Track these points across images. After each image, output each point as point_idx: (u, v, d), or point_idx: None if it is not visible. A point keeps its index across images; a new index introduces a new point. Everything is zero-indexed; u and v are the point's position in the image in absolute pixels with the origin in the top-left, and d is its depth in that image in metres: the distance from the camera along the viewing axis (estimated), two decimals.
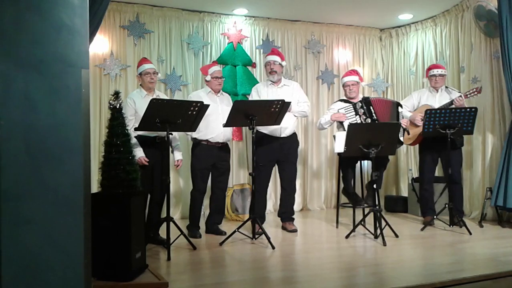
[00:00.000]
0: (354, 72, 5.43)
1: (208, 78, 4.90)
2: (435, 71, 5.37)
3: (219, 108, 4.82)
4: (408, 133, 5.21)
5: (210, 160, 4.83)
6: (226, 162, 4.99)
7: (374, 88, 7.21)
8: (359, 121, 5.02)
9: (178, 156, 4.72)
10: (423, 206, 5.46)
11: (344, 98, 5.41)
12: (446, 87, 5.45)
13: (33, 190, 2.26)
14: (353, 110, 5.10)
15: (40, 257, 2.27)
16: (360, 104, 5.08)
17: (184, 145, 5.77)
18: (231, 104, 5.02)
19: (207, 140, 4.80)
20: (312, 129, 6.84)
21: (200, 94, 4.92)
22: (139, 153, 4.26)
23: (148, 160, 4.30)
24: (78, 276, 2.35)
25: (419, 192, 5.59)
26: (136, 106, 4.41)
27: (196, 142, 4.86)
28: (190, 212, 4.89)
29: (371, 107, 5.04)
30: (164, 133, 4.39)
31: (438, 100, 5.31)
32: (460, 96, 5.09)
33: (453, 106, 5.05)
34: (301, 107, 5.02)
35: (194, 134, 4.77)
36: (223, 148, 4.93)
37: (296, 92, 5.10)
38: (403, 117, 5.20)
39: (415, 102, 5.49)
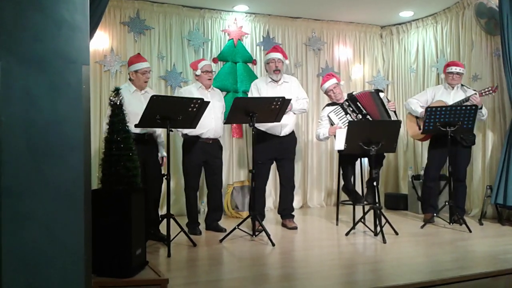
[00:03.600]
0: (330, 75, 5.38)
1: (198, 72, 4.83)
2: (453, 69, 5.28)
3: (209, 104, 4.77)
4: (420, 128, 5.18)
5: (201, 156, 4.78)
6: (218, 159, 4.94)
7: (374, 85, 7.20)
8: (351, 120, 5.00)
9: (163, 153, 4.63)
10: (424, 202, 5.46)
11: (330, 102, 5.39)
12: (462, 85, 5.35)
13: (33, 186, 2.26)
14: (342, 110, 5.09)
15: (40, 254, 2.27)
16: (347, 103, 5.07)
17: (178, 142, 5.75)
18: (223, 100, 5.04)
19: (197, 136, 4.75)
20: (312, 126, 6.83)
21: (191, 90, 4.88)
22: None
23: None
24: (78, 272, 2.35)
25: (422, 188, 5.58)
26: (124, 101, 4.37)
27: (187, 138, 4.82)
28: (187, 209, 4.88)
29: (358, 103, 5.02)
30: (151, 130, 4.39)
31: (453, 97, 5.24)
32: (475, 94, 5.04)
33: (468, 103, 5.01)
34: (301, 105, 5.01)
35: (185, 131, 4.72)
36: (214, 144, 4.87)
37: (295, 88, 5.08)
38: (388, 101, 5.17)
39: (429, 98, 5.42)
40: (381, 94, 5.14)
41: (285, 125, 4.89)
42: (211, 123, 4.72)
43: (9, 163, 2.21)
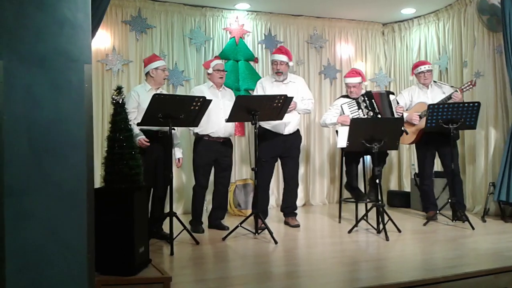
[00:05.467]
0: (356, 73, 5.32)
1: (210, 71, 4.87)
2: (423, 68, 5.36)
3: (220, 103, 4.80)
4: (407, 133, 5.20)
5: (212, 155, 4.81)
6: (228, 158, 4.98)
7: (376, 83, 7.19)
8: (362, 116, 5.02)
9: (179, 154, 4.67)
10: (425, 201, 5.46)
11: (345, 94, 5.41)
12: (434, 81, 5.44)
13: (36, 185, 2.26)
14: (356, 105, 5.10)
15: (43, 252, 2.28)
16: (363, 98, 5.08)
17: (187, 140, 5.77)
18: (234, 99, 5.04)
19: (208, 135, 4.78)
20: (314, 124, 6.83)
21: (202, 89, 4.90)
22: (139, 136, 4.22)
23: (148, 140, 4.23)
24: (81, 270, 2.36)
25: (420, 187, 5.58)
26: (139, 99, 4.41)
27: (198, 137, 4.85)
28: (193, 207, 4.89)
29: (373, 101, 5.03)
30: (166, 128, 4.39)
31: (431, 96, 5.30)
32: (456, 91, 5.08)
33: (451, 101, 5.03)
34: (306, 105, 5.02)
35: (196, 129, 4.75)
36: (225, 143, 4.92)
37: (302, 88, 5.08)
38: (398, 103, 5.20)
39: (407, 101, 5.48)
40: (391, 97, 5.15)
41: (288, 123, 4.89)
42: (221, 123, 4.73)
43: (12, 162, 2.22)
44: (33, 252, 2.26)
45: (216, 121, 4.71)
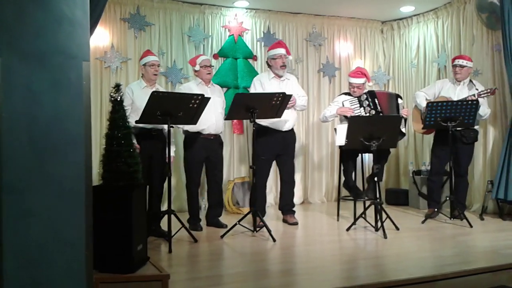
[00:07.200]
0: (361, 73, 5.25)
1: (197, 67, 4.84)
2: (457, 61, 5.20)
3: (210, 99, 4.77)
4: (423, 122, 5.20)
5: (203, 152, 4.79)
6: (219, 155, 4.96)
7: (375, 81, 7.19)
8: (363, 113, 5.02)
9: (171, 152, 4.59)
10: (428, 197, 5.48)
11: (347, 91, 5.40)
12: (471, 80, 5.27)
13: (35, 182, 2.26)
14: (357, 102, 5.10)
15: (42, 249, 2.28)
16: (365, 96, 5.08)
17: (176, 138, 5.74)
18: (222, 95, 5.07)
19: (199, 132, 4.76)
20: (313, 122, 6.83)
21: (191, 86, 4.89)
22: None
23: (139, 146, 4.23)
24: (79, 268, 2.36)
25: (427, 182, 5.58)
26: (133, 96, 4.44)
27: (188, 135, 4.82)
28: (189, 205, 4.89)
29: (376, 100, 5.03)
30: (160, 126, 4.39)
31: (458, 93, 5.18)
32: (473, 95, 5.00)
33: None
34: (302, 101, 5.04)
35: (186, 127, 4.73)
36: (216, 140, 4.89)
37: (295, 86, 5.10)
38: (403, 108, 5.20)
39: (436, 92, 5.38)
40: (399, 100, 5.15)
41: (287, 120, 4.89)
42: (212, 119, 4.72)
43: (11, 160, 2.22)
44: (32, 249, 2.26)
45: (207, 118, 4.61)
